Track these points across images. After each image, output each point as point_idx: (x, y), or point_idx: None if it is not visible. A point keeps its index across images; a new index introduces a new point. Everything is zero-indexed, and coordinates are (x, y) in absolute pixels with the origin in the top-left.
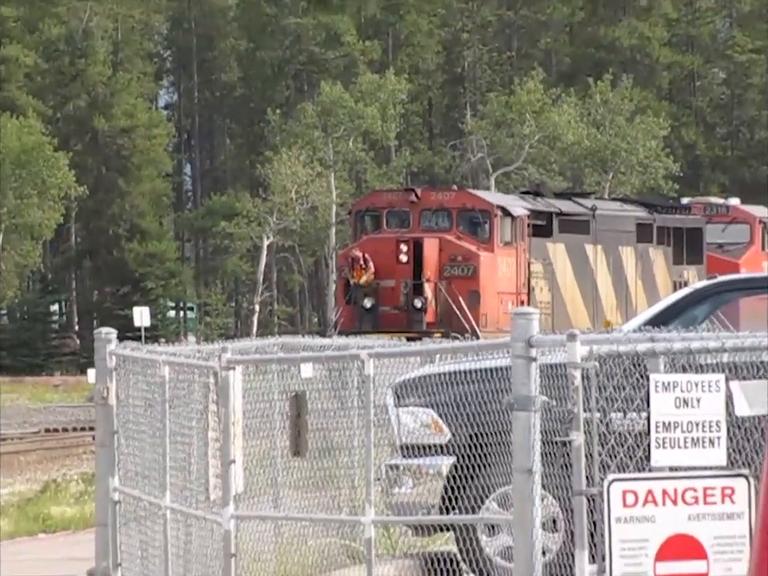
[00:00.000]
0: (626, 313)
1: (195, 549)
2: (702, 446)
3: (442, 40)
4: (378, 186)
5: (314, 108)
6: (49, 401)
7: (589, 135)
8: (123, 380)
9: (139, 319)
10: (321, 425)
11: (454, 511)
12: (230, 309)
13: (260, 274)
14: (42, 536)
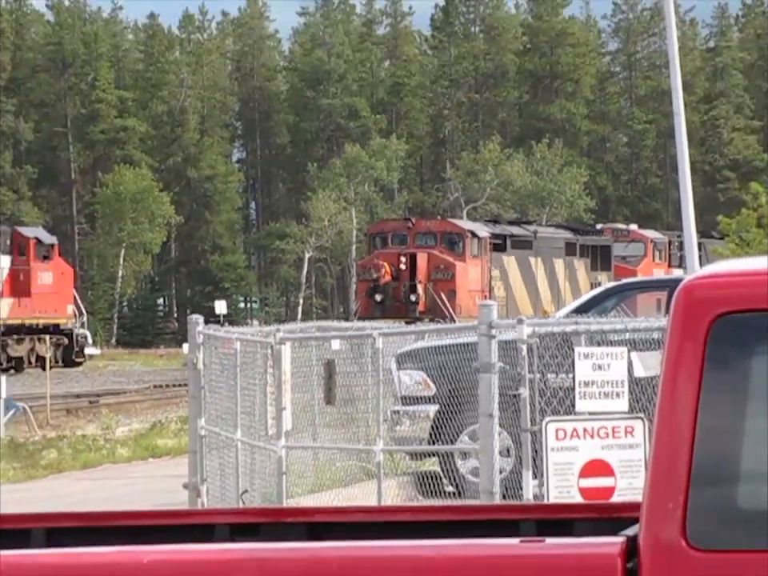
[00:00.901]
0: (557, 304)
1: (258, 469)
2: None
3: (429, 115)
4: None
5: (341, 162)
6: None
7: (531, 181)
8: (207, 351)
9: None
10: (345, 382)
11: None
12: (282, 302)
13: (303, 278)
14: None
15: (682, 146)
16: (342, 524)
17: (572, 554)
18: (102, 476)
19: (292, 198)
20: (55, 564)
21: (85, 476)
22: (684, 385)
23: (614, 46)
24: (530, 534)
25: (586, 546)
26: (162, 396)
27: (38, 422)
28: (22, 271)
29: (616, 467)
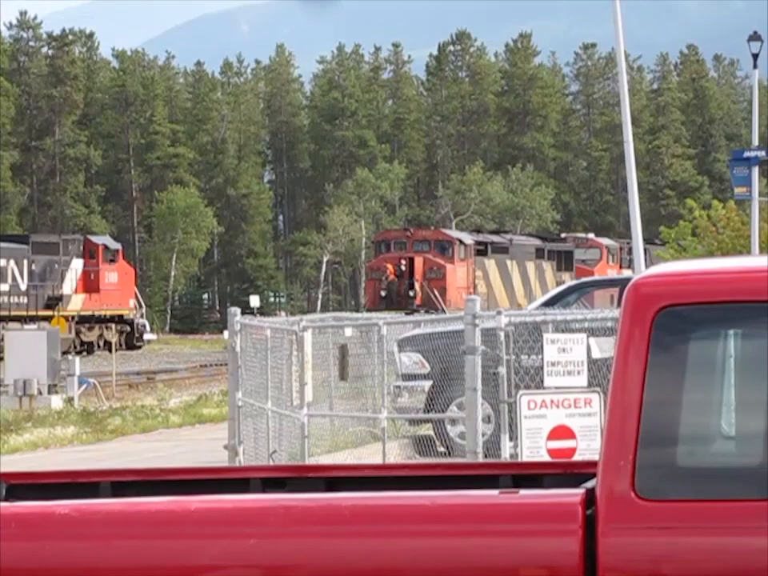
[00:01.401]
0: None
1: (285, 433)
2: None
3: (425, 144)
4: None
5: (352, 183)
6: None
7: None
8: (244, 337)
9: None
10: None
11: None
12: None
13: (321, 277)
14: (197, 426)
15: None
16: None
17: (542, 502)
18: (157, 438)
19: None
20: (119, 511)
21: (143, 438)
22: (633, 364)
23: (575, 87)
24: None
25: (553, 497)
26: (207, 373)
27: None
28: (92, 272)
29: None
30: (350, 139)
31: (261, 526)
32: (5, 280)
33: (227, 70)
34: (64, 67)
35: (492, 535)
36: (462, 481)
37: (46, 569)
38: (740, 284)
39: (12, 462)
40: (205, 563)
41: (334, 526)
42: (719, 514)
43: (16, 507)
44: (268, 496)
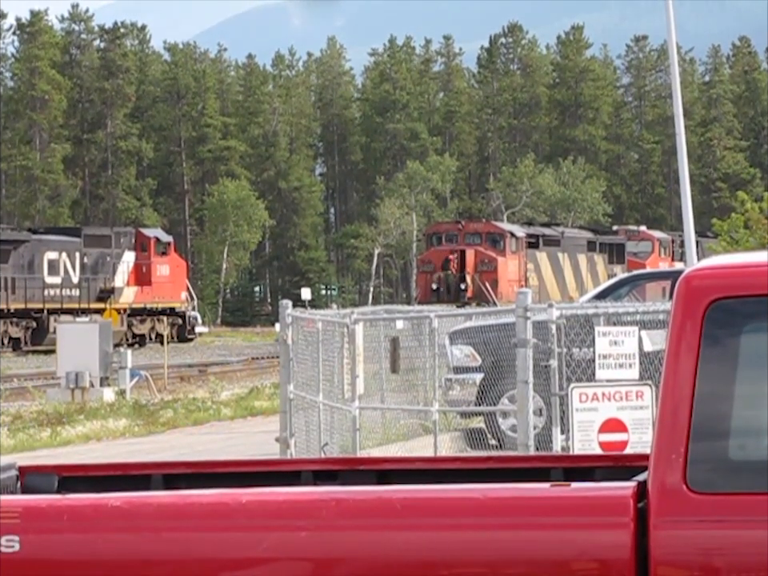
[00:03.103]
0: (581, 292)
1: (336, 426)
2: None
3: (476, 137)
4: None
5: (404, 176)
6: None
7: (559, 191)
8: (295, 330)
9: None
10: (407, 355)
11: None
12: (356, 289)
13: (372, 270)
14: (249, 418)
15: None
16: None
17: (593, 495)
18: (209, 431)
19: (364, 205)
20: (171, 504)
21: (195, 431)
22: (685, 357)
23: (627, 80)
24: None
25: (604, 489)
26: (258, 366)
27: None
28: (144, 264)
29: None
30: (401, 132)
31: (312, 519)
32: (57, 273)
33: (279, 62)
34: (116, 60)
35: (543, 528)
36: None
37: (99, 561)
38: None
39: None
40: (257, 556)
41: (386, 518)
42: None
43: (68, 500)
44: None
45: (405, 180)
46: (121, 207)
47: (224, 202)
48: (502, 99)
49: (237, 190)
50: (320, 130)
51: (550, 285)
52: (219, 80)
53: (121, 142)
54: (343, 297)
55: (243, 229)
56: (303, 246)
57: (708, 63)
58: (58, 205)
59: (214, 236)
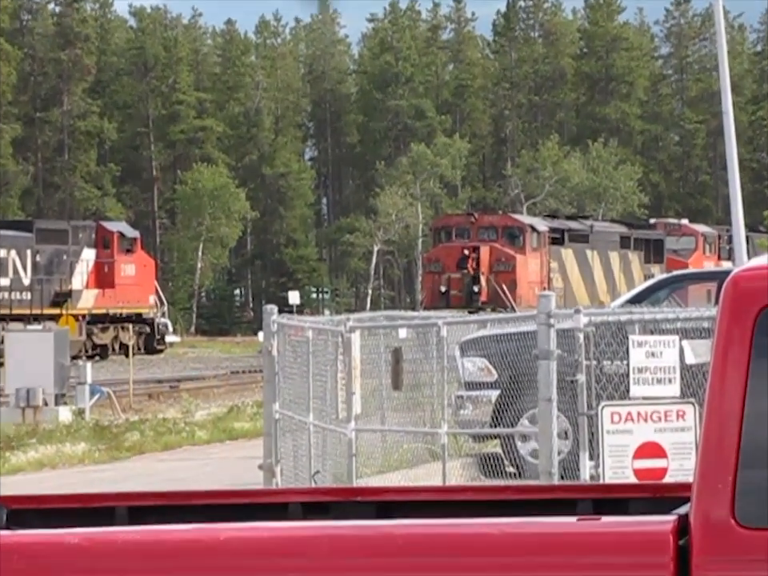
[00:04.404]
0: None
1: (329, 451)
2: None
3: (491, 115)
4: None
5: (407, 160)
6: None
7: (588, 178)
8: (281, 339)
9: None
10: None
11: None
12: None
13: (371, 270)
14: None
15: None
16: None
17: (627, 531)
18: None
19: (361, 194)
20: (137, 540)
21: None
22: (732, 371)
23: (666, 50)
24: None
25: (640, 524)
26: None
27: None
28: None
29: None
30: (404, 109)
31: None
32: (5, 273)
33: (262, 29)
34: (73, 27)
35: (570, 569)
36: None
37: None
38: None
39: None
40: None
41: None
42: None
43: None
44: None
45: (409, 165)
46: (79, 197)
47: (199, 191)
48: (521, 72)
49: (214, 177)
50: (310, 108)
51: (576, 287)
52: (193, 50)
53: (79, 121)
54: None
55: (221, 222)
56: (291, 242)
57: (760, 30)
58: (5, 194)
59: (187, 231)
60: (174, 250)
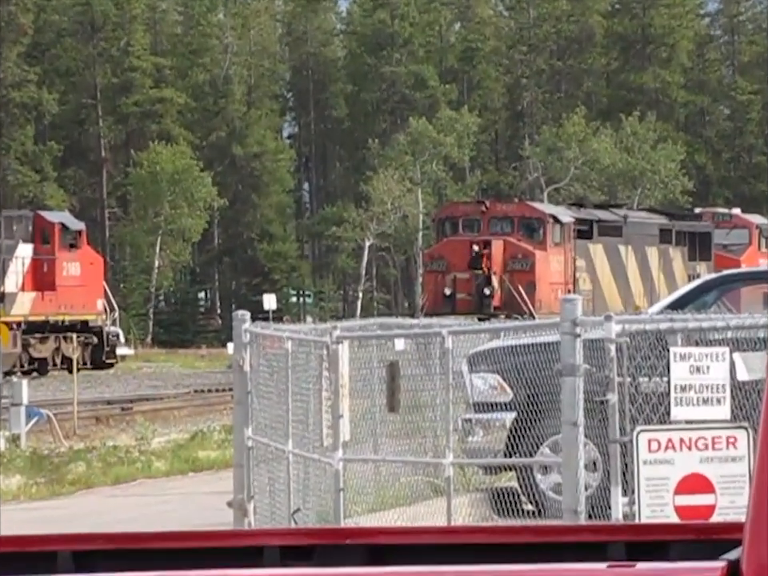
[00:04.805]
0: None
1: (312, 485)
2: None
3: (505, 84)
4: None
5: (405, 138)
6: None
7: (621, 159)
8: (255, 352)
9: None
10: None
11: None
12: (339, 296)
13: (362, 269)
14: (191, 474)
15: None
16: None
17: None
18: (136, 492)
19: (350, 179)
20: None
21: (117, 492)
22: None
23: (714, 6)
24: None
25: (682, 572)
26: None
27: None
28: (45, 261)
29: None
30: (401, 77)
31: None
32: None
33: None
34: None
35: None
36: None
37: None
38: None
39: None
40: None
41: None
42: None
43: None
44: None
45: (407, 144)
46: (13, 182)
47: (156, 175)
48: (541, 33)
49: (174, 159)
50: (289, 76)
51: (607, 289)
52: (149, 6)
53: (13, 91)
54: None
55: (183, 212)
56: (266, 235)
57: None
58: None
59: (142, 222)
60: (126, 245)
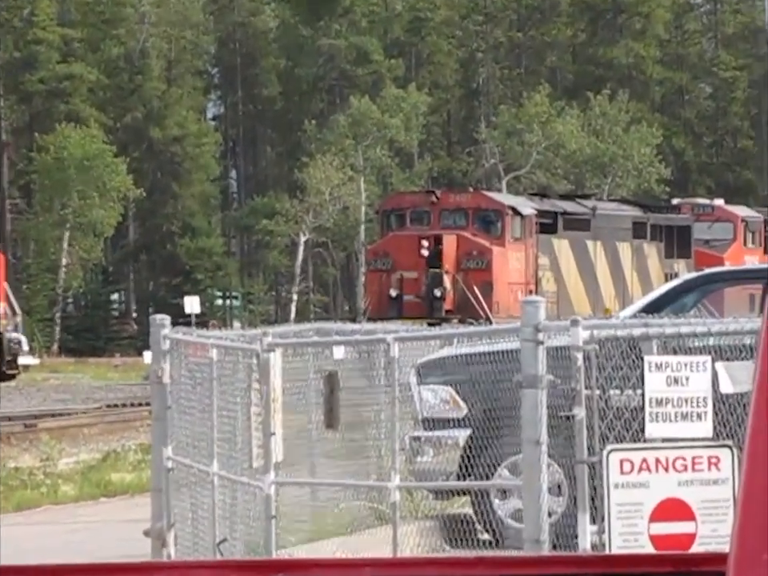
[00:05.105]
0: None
1: (240, 511)
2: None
3: (459, 59)
4: (402, 188)
5: (345, 119)
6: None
7: (589, 143)
8: (176, 361)
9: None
10: (351, 401)
11: (470, 477)
12: (270, 298)
13: (297, 267)
14: (103, 500)
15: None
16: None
17: None
18: (41, 520)
19: (283, 165)
20: None
21: (20, 520)
22: None
23: None
24: None
25: None
26: (118, 418)
27: None
28: None
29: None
30: (341, 51)
31: None
32: None
33: None
34: None
35: None
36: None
37: None
38: None
39: None
40: None
41: None
42: None
43: None
44: None
45: (348, 127)
46: None
47: (63, 162)
48: (499, 1)
49: (84, 143)
50: (214, 49)
51: (574, 290)
52: None
53: None
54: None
55: (94, 203)
56: (188, 229)
57: None
58: None
59: (47, 215)
60: (30, 240)
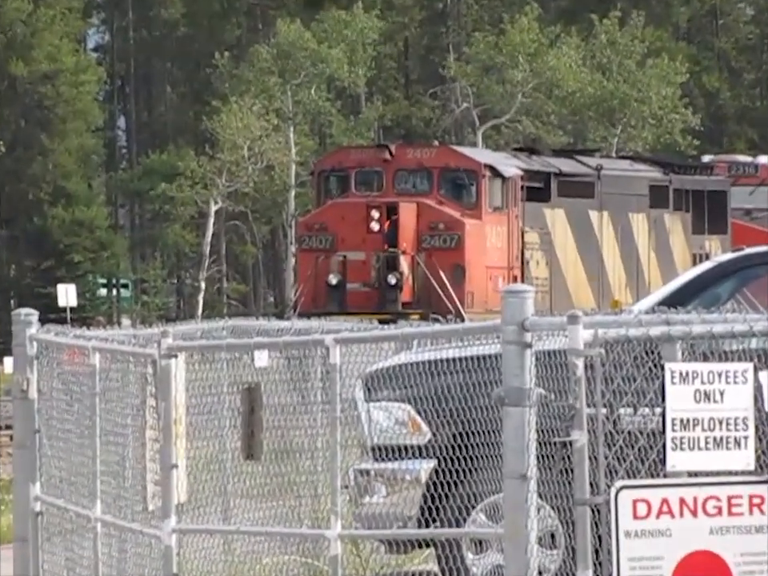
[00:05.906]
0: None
1: (130, 568)
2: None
3: None
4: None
5: (270, 50)
6: None
7: (593, 82)
8: (46, 370)
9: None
10: (278, 423)
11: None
12: (171, 286)
13: (206, 246)
14: None
15: None
16: None
17: None
18: None
19: (188, 111)
20: None
21: None
22: None
23: None
24: None
25: None
26: None
27: None
28: None
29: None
30: None
31: None
32: None
33: None
34: None
35: None
36: None
37: None
38: None
39: None
40: None
41: None
42: None
43: None
44: None
45: (272, 60)
46: None
47: None
48: None
49: None
50: None
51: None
52: None
53: None
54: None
55: None
56: (62, 195)
57: None
58: None
59: None
60: None
